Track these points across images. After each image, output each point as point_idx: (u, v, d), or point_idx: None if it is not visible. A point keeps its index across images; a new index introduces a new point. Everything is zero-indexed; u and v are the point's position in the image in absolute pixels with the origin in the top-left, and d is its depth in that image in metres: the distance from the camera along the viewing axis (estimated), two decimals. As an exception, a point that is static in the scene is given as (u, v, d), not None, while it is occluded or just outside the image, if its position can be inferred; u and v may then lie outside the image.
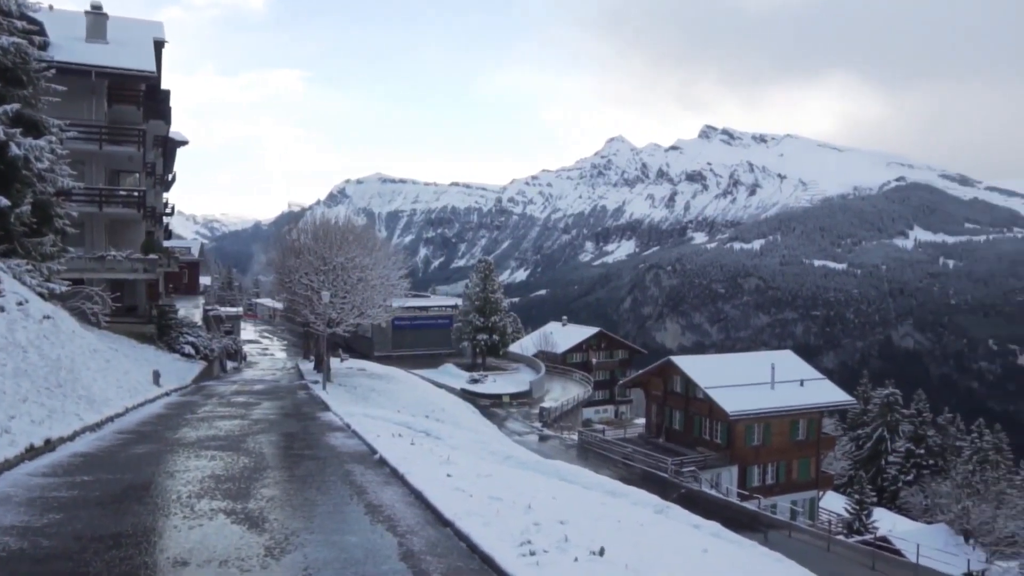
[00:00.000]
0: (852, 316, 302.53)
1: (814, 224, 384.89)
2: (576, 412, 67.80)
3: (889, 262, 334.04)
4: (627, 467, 47.31)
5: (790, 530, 40.15)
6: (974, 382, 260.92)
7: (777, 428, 49.56)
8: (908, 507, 60.06)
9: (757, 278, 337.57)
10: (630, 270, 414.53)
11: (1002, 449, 73.96)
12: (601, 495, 13.44)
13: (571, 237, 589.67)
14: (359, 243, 41.15)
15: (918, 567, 35.69)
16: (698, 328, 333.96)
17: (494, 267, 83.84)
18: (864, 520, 50.68)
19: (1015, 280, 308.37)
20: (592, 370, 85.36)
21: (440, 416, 36.00)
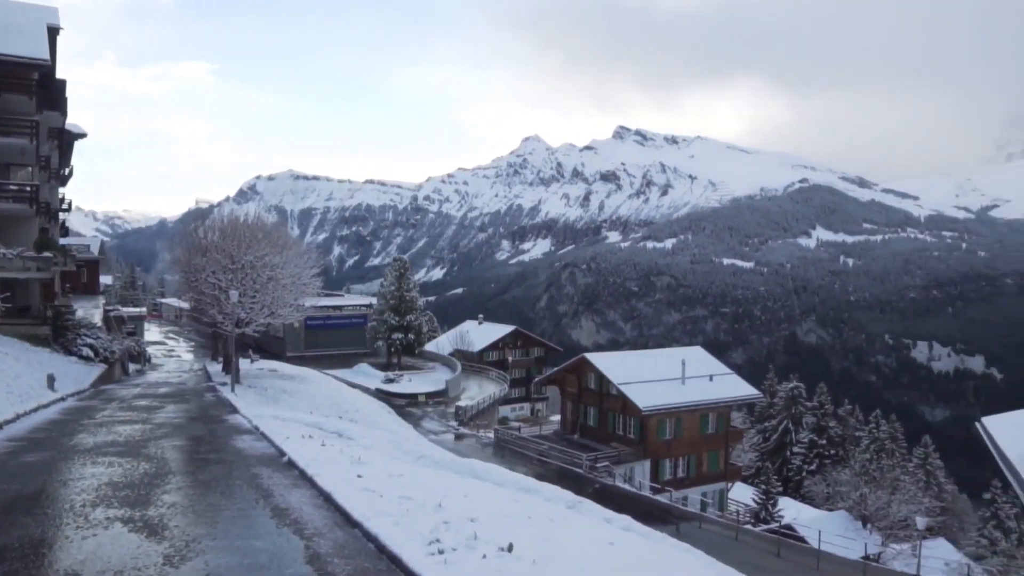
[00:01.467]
0: (759, 313, 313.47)
1: (723, 224, 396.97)
2: (492, 410, 67.90)
3: (793, 260, 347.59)
4: (543, 464, 47.66)
5: (700, 521, 41.22)
6: (872, 375, 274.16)
7: (688, 422, 50.84)
8: (812, 495, 62.48)
9: (669, 276, 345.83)
10: (546, 268, 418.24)
11: (897, 438, 77.95)
12: (514, 492, 13.50)
13: (487, 236, 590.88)
14: (269, 241, 40.09)
15: (820, 552, 37.15)
16: (612, 325, 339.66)
17: (409, 265, 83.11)
18: (770, 509, 52.53)
19: (908, 278, 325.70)
20: (508, 368, 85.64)
21: (354, 417, 35.47)
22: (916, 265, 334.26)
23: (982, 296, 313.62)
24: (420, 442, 34.78)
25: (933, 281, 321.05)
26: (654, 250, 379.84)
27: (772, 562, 34.88)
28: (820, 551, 37.24)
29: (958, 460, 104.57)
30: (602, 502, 16.71)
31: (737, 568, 14.22)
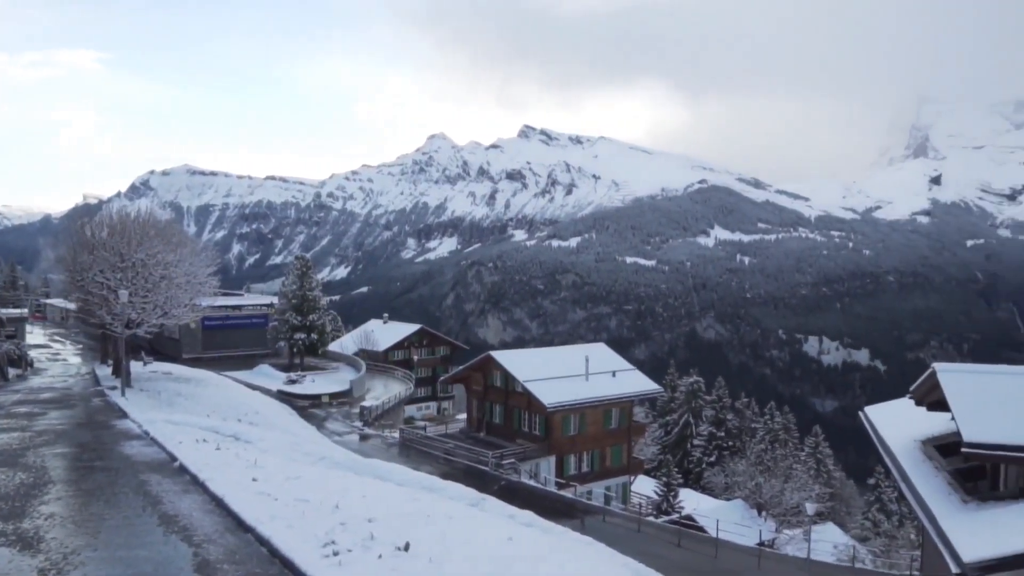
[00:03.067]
0: (661, 310, 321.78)
1: (626, 223, 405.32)
2: (398, 410, 67.23)
3: (693, 259, 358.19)
4: (449, 463, 47.49)
5: (605, 515, 41.89)
6: (767, 368, 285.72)
7: (592, 418, 51.59)
8: (711, 486, 64.51)
9: (574, 274, 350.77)
10: (452, 267, 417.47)
11: (790, 429, 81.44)
12: (415, 491, 13.38)
13: (393, 234, 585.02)
14: (162, 238, 38.53)
15: (718, 541, 38.35)
16: (519, 323, 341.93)
17: (312, 264, 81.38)
18: (671, 501, 54.00)
19: (800, 275, 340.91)
20: (414, 367, 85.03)
21: (253, 419, 34.51)
22: (807, 263, 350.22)
23: (867, 292, 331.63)
24: (322, 444, 34.11)
25: (823, 278, 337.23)
26: (559, 248, 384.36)
27: (673, 552, 35.78)
28: (718, 539, 38.42)
29: (846, 448, 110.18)
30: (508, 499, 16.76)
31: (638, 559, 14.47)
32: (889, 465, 18.49)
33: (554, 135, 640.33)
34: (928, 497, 14.90)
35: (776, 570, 33.51)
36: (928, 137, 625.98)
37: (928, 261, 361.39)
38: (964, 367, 16.21)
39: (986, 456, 13.99)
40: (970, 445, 13.56)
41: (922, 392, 17.54)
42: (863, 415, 22.38)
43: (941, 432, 17.71)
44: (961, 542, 12.42)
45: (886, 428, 20.12)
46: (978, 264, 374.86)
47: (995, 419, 13.94)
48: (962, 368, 15.96)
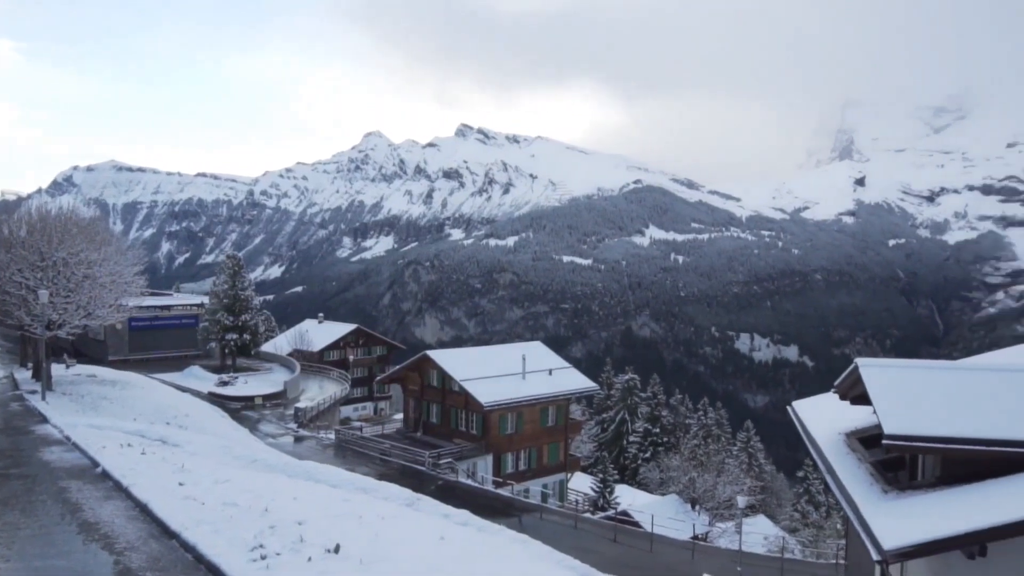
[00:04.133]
0: (597, 308, 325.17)
1: (563, 222, 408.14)
2: (334, 410, 66.45)
3: (629, 258, 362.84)
4: (385, 463, 47.14)
5: (542, 512, 42.18)
6: (700, 365, 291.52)
7: (529, 416, 51.84)
8: (647, 482, 65.49)
9: (511, 273, 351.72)
10: (389, 266, 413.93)
11: (722, 424, 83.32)
12: (348, 493, 13.21)
13: (328, 232, 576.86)
14: (85, 236, 37.19)
15: (653, 535, 38.99)
16: (456, 323, 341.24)
17: (244, 263, 79.72)
18: (608, 497, 54.60)
19: (732, 274, 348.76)
20: (350, 367, 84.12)
21: (183, 423, 33.62)
22: (739, 262, 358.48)
23: (795, 290, 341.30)
24: (254, 446, 33.43)
25: (754, 277, 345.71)
26: (496, 247, 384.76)
27: (609, 547, 36.24)
28: (653, 534, 39.08)
29: (777, 442, 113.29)
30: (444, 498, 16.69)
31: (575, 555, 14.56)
32: (815, 458, 19.02)
33: (491, 134, 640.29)
34: (851, 488, 15.36)
35: (709, 563, 34.18)
36: (853, 140, 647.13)
37: (853, 260, 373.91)
38: (885, 362, 16.76)
39: (905, 447, 14.48)
40: (890, 437, 14.01)
41: (846, 387, 18.08)
42: (791, 409, 22.95)
43: (864, 425, 18.29)
44: (881, 531, 12.83)
45: (812, 422, 20.68)
46: (899, 263, 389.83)
47: (914, 412, 14.45)
48: (883, 363, 16.50)
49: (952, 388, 15.24)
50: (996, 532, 11.79)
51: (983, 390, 15.02)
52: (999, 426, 13.82)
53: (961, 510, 12.63)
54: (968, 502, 12.91)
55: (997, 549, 12.18)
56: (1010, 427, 13.81)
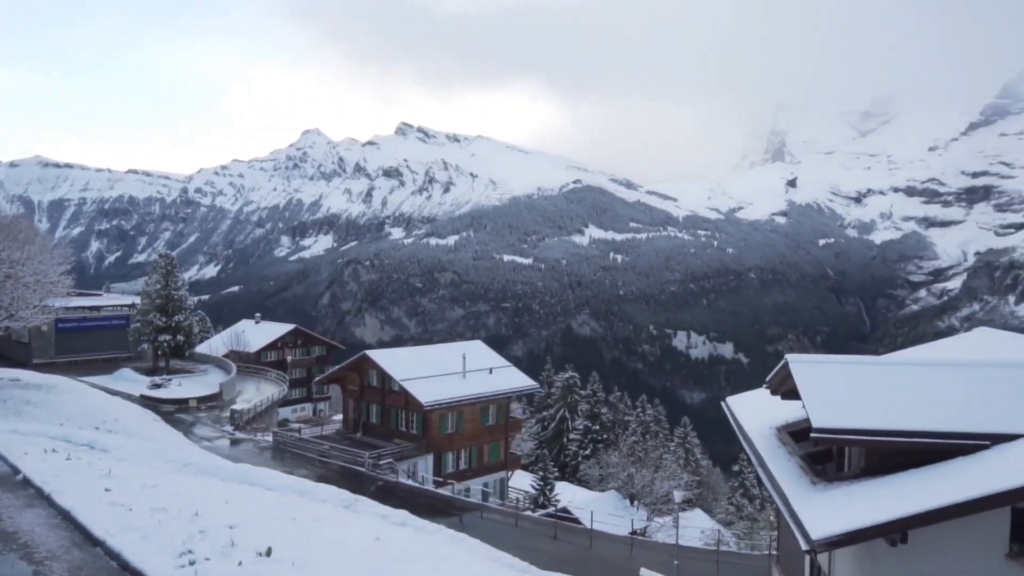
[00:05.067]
0: (537, 307, 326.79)
1: (503, 221, 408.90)
2: (271, 412, 65.32)
3: (568, 257, 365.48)
4: (324, 465, 46.56)
5: (482, 511, 42.20)
6: (639, 363, 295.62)
7: (469, 415, 51.83)
8: (587, 479, 66.11)
9: (452, 273, 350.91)
10: (328, 265, 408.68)
11: (660, 421, 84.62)
12: (284, 495, 13.01)
13: (266, 231, 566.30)
14: (7, 234, 35.81)
15: (592, 531, 39.37)
16: (397, 322, 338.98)
17: (177, 262, 77.73)
18: (548, 494, 54.93)
19: (669, 273, 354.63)
20: (288, 368, 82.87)
21: (112, 427, 32.64)
22: (676, 261, 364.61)
23: (731, 289, 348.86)
24: (188, 450, 32.63)
25: (690, 276, 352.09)
26: (437, 247, 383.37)
27: (549, 544, 36.46)
28: (593, 530, 39.45)
29: (713, 437, 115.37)
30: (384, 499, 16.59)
31: (514, 552, 14.60)
32: (748, 452, 19.51)
33: (432, 133, 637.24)
34: (782, 480, 15.81)
35: (647, 557, 34.67)
36: (785, 142, 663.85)
37: (785, 259, 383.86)
38: (813, 358, 17.29)
39: (832, 440, 14.98)
40: (818, 430, 14.47)
41: (776, 382, 18.59)
42: (725, 405, 23.51)
43: (794, 419, 18.84)
44: (810, 521, 13.25)
45: (745, 417, 21.22)
46: (829, 262, 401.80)
47: (840, 406, 14.95)
48: (811, 359, 17.02)
49: (876, 382, 15.80)
50: (915, 520, 12.29)
51: (905, 384, 15.61)
52: (919, 418, 14.39)
53: (884, 500, 13.11)
54: (890, 492, 13.41)
55: (917, 536, 12.69)
56: (929, 419, 14.38)
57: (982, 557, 12.98)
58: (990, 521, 12.77)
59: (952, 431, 13.98)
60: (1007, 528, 12.94)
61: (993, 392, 14.94)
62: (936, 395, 15.11)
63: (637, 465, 57.03)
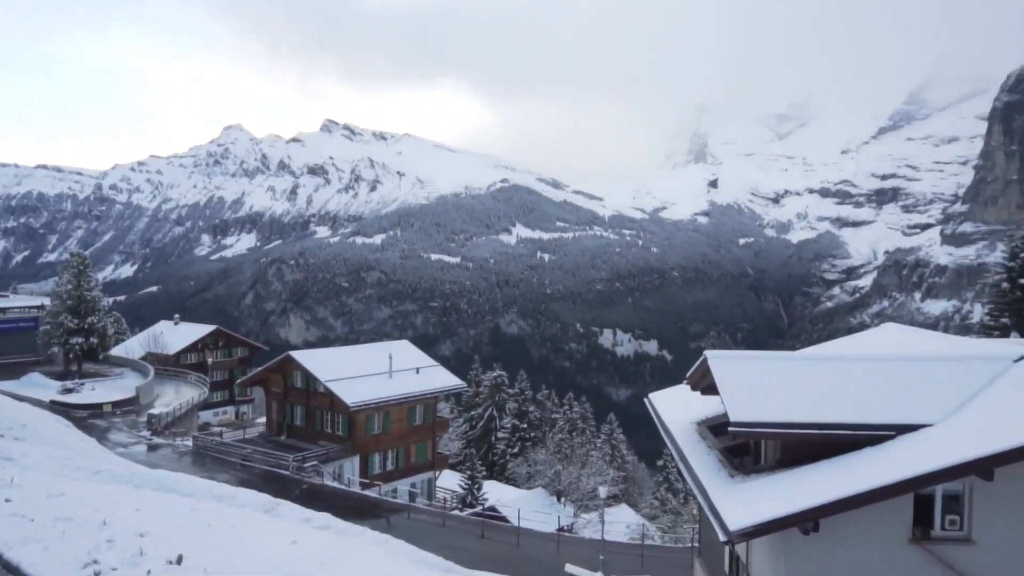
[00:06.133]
0: (466, 306, 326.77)
1: (431, 220, 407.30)
2: (191, 416, 63.58)
3: (496, 256, 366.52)
4: (247, 469, 45.54)
5: (409, 512, 41.96)
6: (566, 361, 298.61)
7: (396, 415, 51.41)
8: (515, 477, 66.33)
9: (379, 272, 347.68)
10: (251, 264, 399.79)
11: (587, 418, 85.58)
12: (200, 501, 12.65)
13: (185, 229, 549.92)
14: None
15: (520, 529, 39.57)
16: (323, 322, 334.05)
17: (90, 261, 74.82)
18: (476, 494, 54.93)
19: (595, 271, 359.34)
20: (209, 370, 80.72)
21: (19, 434, 31.11)
22: (602, 260, 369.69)
23: (655, 287, 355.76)
24: (100, 456, 31.43)
25: (616, 274, 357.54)
26: (364, 245, 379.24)
27: (476, 543, 36.49)
28: (520, 528, 39.65)
29: (638, 433, 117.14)
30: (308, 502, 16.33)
31: (440, 552, 14.55)
32: (669, 446, 19.91)
33: (358, 130, 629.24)
34: (701, 474, 16.19)
35: (573, 553, 35.01)
36: (707, 144, 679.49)
37: (707, 258, 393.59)
38: (731, 354, 17.75)
39: (749, 434, 15.42)
40: (735, 424, 14.88)
41: (696, 378, 19.03)
42: (648, 401, 23.93)
43: (714, 414, 19.31)
44: (727, 513, 13.61)
45: (667, 412, 21.65)
46: (749, 260, 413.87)
47: (757, 400, 15.40)
48: (729, 355, 17.47)
49: (790, 377, 16.33)
50: (826, 509, 12.76)
51: (817, 378, 16.18)
52: (830, 411, 14.95)
53: (797, 490, 13.57)
54: (803, 482, 13.89)
55: (828, 524, 13.18)
56: (839, 411, 14.95)
57: (888, 542, 13.56)
58: (895, 508, 13.36)
59: (860, 422, 14.57)
60: (910, 514, 13.56)
61: (898, 385, 15.61)
62: (846, 388, 15.71)
63: (564, 462, 57.54)
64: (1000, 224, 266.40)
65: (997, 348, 18.17)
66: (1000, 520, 13.45)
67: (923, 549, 13.46)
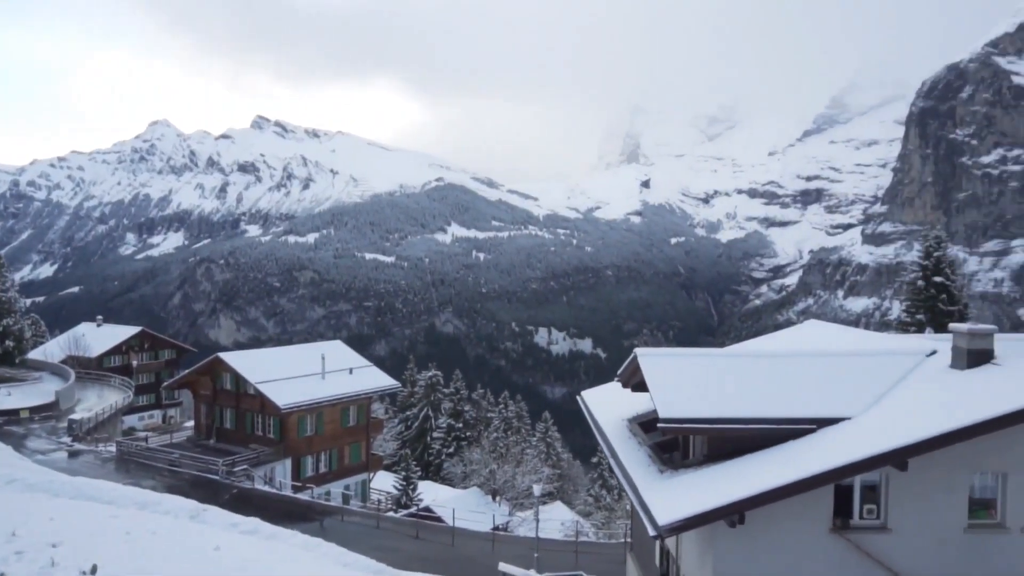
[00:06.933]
0: (401, 306, 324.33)
1: (365, 219, 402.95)
2: (115, 421, 61.57)
3: (431, 255, 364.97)
4: (175, 474, 44.29)
5: (343, 514, 41.44)
6: (502, 360, 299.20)
7: (329, 417, 50.73)
8: (450, 477, 66.13)
9: (312, 271, 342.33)
10: (179, 264, 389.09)
11: (522, 416, 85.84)
12: (121, 509, 12.25)
13: (109, 228, 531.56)
14: None
15: (455, 529, 39.47)
16: (254, 323, 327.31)
17: (5, 261, 71.77)
18: (411, 494, 54.56)
19: (530, 270, 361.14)
20: (134, 373, 78.30)
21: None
22: (537, 259, 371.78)
23: (589, 286, 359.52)
24: (16, 465, 30.18)
25: (551, 273, 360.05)
26: (296, 244, 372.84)
27: (411, 544, 36.27)
28: (455, 528, 39.55)
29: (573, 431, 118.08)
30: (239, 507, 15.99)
31: (373, 554, 14.43)
32: (601, 443, 20.17)
33: (290, 127, 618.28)
34: (631, 470, 16.44)
35: (508, 552, 35.11)
36: (639, 145, 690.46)
37: (640, 257, 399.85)
38: (661, 351, 18.08)
39: (677, 429, 15.73)
40: (664, 421, 15.15)
41: (627, 375, 19.30)
42: (580, 399, 24.19)
43: (644, 411, 19.62)
44: (656, 508, 13.85)
45: (599, 410, 21.91)
46: (680, 259, 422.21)
47: (685, 397, 15.71)
48: (658, 353, 17.78)
49: (717, 374, 16.71)
50: (751, 502, 13.10)
51: (743, 374, 16.59)
52: (754, 406, 15.35)
53: (724, 484, 13.89)
54: (730, 476, 14.23)
55: (753, 516, 13.53)
56: (763, 406, 15.37)
57: (809, 532, 14.01)
58: (816, 499, 13.81)
59: (783, 417, 15.02)
60: (831, 504, 14.04)
61: (819, 380, 16.14)
62: (770, 384, 16.16)
63: (499, 461, 57.67)
64: (916, 224, 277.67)
65: (912, 344, 18.97)
66: (913, 508, 14.03)
67: (843, 538, 13.94)
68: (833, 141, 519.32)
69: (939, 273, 40.06)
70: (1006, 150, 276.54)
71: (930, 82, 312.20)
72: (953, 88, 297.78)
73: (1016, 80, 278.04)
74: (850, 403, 15.26)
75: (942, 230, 46.85)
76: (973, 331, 15.57)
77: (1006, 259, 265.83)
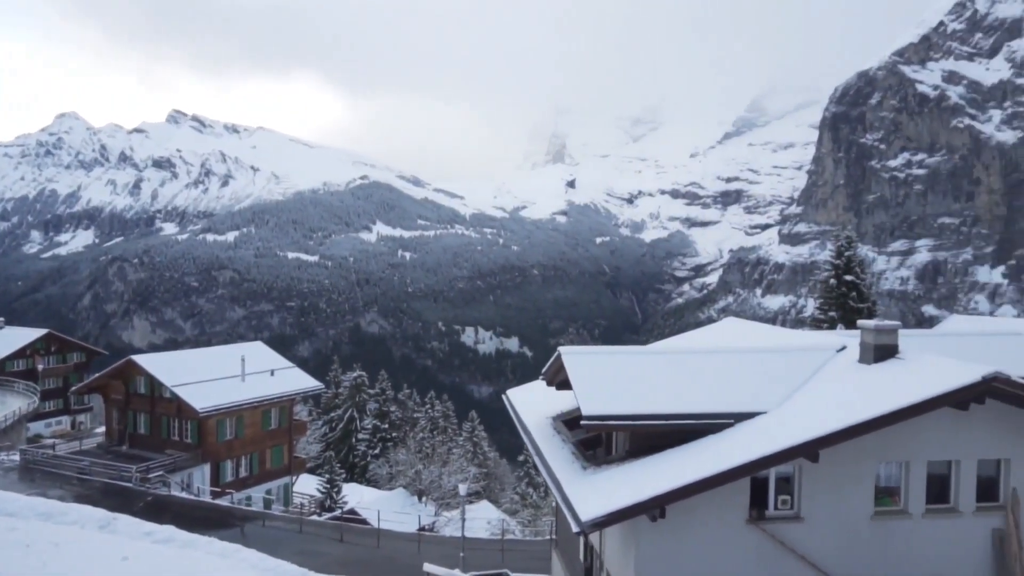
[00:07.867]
0: (324, 306, 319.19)
1: (287, 217, 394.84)
2: (19, 428, 58.87)
3: (356, 254, 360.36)
4: (84, 483, 42.52)
5: (264, 519, 40.54)
6: (428, 360, 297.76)
7: (249, 420, 49.52)
8: (376, 478, 65.43)
9: (232, 271, 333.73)
10: (89, 263, 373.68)
11: (449, 416, 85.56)
12: (21, 520, 11.66)
13: (11, 225, 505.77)
14: None
15: (380, 531, 39.06)
16: (171, 324, 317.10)
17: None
18: (335, 497, 53.78)
19: (457, 270, 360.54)
20: (40, 378, 74.81)
21: None
22: (463, 258, 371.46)
23: (515, 285, 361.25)
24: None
25: (477, 272, 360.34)
26: (215, 243, 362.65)
27: (335, 547, 35.73)
28: (380, 529, 39.15)
29: (500, 429, 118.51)
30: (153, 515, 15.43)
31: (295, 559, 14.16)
32: (526, 441, 20.24)
33: (208, 122, 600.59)
34: (555, 467, 16.55)
35: (434, 552, 34.95)
36: (565, 145, 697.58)
37: (566, 256, 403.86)
38: (585, 350, 18.25)
39: (600, 426, 15.89)
40: (587, 418, 15.30)
41: (551, 373, 19.41)
42: (506, 398, 24.24)
43: (568, 408, 19.78)
44: (579, 504, 13.97)
45: (524, 408, 22.00)
46: (605, 259, 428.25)
47: (607, 394, 15.89)
48: (582, 351, 17.95)
49: (639, 371, 16.96)
50: (670, 496, 13.35)
51: (663, 371, 16.89)
52: (674, 402, 15.65)
53: (645, 479, 14.11)
54: (651, 471, 14.46)
55: (673, 510, 13.78)
56: (682, 402, 15.69)
57: (727, 524, 14.37)
58: (734, 491, 14.17)
59: (702, 412, 15.38)
60: (747, 496, 14.43)
61: (736, 376, 16.57)
62: (690, 380, 16.50)
63: (425, 461, 57.41)
64: (829, 225, 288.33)
65: (823, 339, 19.67)
66: (823, 498, 14.56)
67: (759, 529, 14.34)
68: (752, 144, 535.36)
69: (850, 272, 41.67)
70: (911, 154, 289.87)
71: (842, 88, 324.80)
72: (863, 94, 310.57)
73: (920, 88, 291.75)
74: (766, 398, 15.71)
75: (853, 231, 48.81)
76: (879, 327, 16.22)
77: (911, 258, 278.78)
